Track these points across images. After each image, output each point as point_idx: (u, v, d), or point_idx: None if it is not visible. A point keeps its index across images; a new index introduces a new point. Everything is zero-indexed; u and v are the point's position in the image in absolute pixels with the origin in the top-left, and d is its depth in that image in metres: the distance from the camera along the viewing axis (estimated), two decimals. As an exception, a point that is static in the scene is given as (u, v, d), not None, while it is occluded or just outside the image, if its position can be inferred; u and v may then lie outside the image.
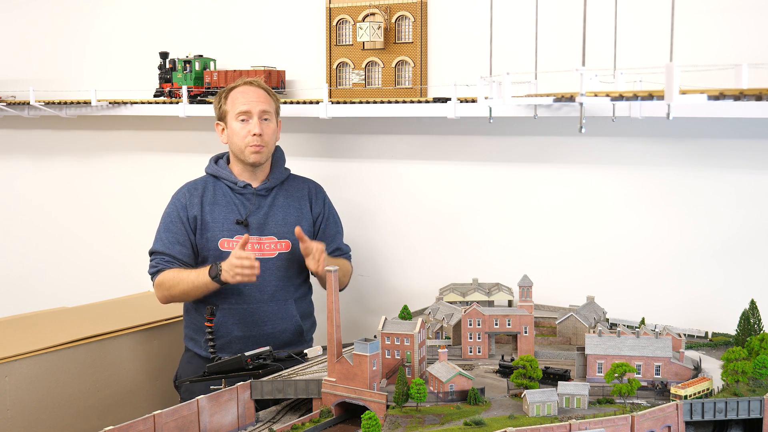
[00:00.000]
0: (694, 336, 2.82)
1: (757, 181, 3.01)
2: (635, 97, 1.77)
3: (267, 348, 2.73)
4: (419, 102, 3.33)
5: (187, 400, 2.20)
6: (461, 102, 3.20)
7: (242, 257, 2.95)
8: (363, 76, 3.65)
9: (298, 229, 3.07)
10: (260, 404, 2.41)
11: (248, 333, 3.16)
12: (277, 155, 3.37)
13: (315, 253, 3.06)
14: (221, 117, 3.27)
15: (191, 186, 3.28)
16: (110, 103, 4.07)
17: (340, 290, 3.32)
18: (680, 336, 2.50)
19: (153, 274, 3.18)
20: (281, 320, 3.22)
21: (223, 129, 3.27)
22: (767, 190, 3.01)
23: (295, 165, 3.57)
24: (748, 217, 3.05)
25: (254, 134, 3.15)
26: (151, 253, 3.22)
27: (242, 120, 3.18)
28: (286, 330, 3.23)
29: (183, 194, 3.25)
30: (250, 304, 3.17)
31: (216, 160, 3.34)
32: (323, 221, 3.35)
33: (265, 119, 3.20)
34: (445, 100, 3.26)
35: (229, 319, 3.14)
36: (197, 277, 3.06)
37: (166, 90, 3.99)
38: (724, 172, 3.07)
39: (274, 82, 3.76)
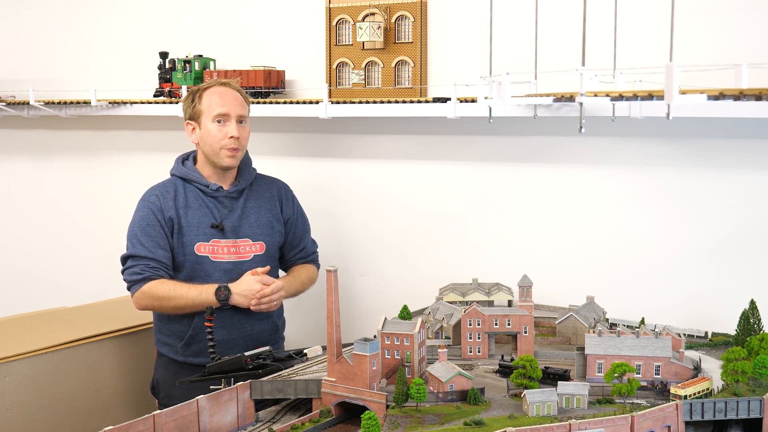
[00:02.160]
0: (694, 336, 2.82)
1: (757, 181, 3.01)
2: (635, 97, 1.77)
3: (267, 348, 2.73)
4: (419, 102, 3.33)
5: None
6: (461, 102, 3.20)
7: (276, 292, 3.05)
8: (363, 76, 3.65)
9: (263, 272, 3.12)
10: (260, 404, 2.41)
11: (227, 336, 3.14)
12: (245, 157, 3.33)
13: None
14: (194, 117, 3.19)
15: (161, 188, 3.21)
16: (110, 103, 4.08)
17: (302, 292, 3.36)
18: (680, 336, 2.50)
19: (137, 282, 3.07)
20: (259, 321, 3.22)
21: (194, 129, 3.20)
22: (767, 189, 3.01)
23: (295, 165, 3.58)
24: (747, 216, 3.05)
25: (232, 137, 3.12)
26: (128, 258, 3.11)
27: (219, 121, 3.13)
28: (264, 330, 3.25)
29: (155, 197, 3.17)
30: (229, 308, 3.14)
31: (182, 161, 3.27)
32: (293, 222, 3.36)
33: (240, 122, 3.17)
34: (444, 100, 3.26)
35: None
36: (198, 296, 3.03)
37: (166, 90, 3.99)
38: (724, 172, 3.07)
39: (274, 82, 3.76)
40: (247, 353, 2.65)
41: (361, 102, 3.47)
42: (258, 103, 3.63)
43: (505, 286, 3.23)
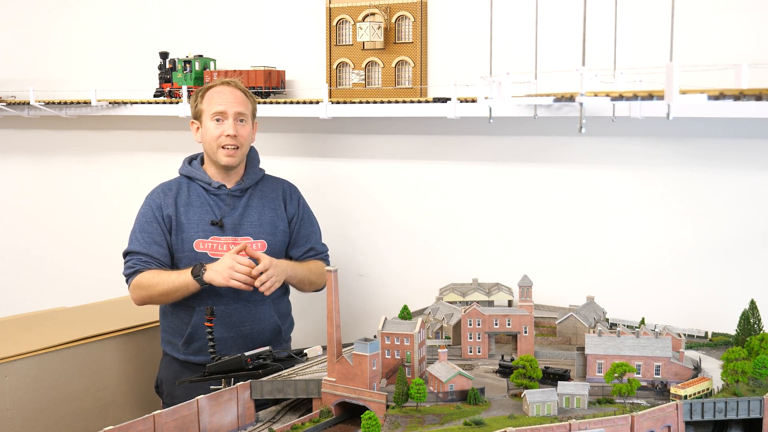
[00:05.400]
0: (694, 336, 2.82)
1: (757, 181, 3.01)
2: (635, 97, 1.77)
3: (267, 348, 2.73)
4: (419, 102, 3.33)
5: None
6: (461, 102, 3.20)
7: (244, 264, 2.95)
8: (363, 76, 3.65)
9: (248, 248, 3.04)
10: (260, 404, 2.41)
11: (226, 335, 3.14)
12: (252, 155, 3.34)
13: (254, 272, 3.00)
14: (197, 116, 3.23)
15: (165, 187, 3.26)
16: (110, 103, 4.07)
17: (317, 290, 3.34)
18: (680, 336, 2.50)
19: (129, 275, 3.13)
20: (259, 321, 3.21)
21: (198, 128, 3.24)
22: (767, 189, 3.01)
23: (295, 165, 3.58)
24: (747, 216, 3.05)
25: (228, 135, 3.13)
26: (126, 254, 3.18)
27: (217, 120, 3.15)
28: (264, 330, 3.23)
29: (157, 194, 3.23)
30: (227, 306, 3.14)
31: (190, 161, 3.31)
32: (298, 222, 3.34)
33: (241, 121, 3.17)
34: (445, 100, 3.26)
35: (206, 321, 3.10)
36: (178, 278, 3.04)
37: (166, 90, 3.99)
38: (724, 172, 3.07)
39: (274, 82, 3.76)
40: (247, 353, 2.65)
41: (361, 102, 3.47)
42: (258, 103, 3.63)
43: (505, 286, 3.23)
